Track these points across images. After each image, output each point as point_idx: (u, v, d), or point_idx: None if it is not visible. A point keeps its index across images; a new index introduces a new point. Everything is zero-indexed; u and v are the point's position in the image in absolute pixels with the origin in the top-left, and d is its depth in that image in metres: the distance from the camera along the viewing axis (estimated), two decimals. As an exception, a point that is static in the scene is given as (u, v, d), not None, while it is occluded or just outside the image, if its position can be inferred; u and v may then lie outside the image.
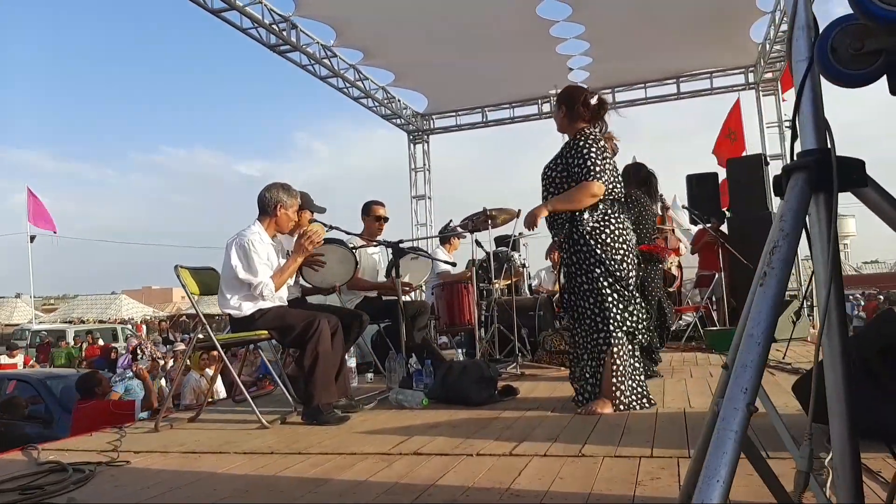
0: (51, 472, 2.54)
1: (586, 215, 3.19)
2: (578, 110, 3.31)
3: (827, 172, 1.10)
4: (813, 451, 1.07)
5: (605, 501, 1.85)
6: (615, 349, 3.14)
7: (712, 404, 1.04)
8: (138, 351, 10.89)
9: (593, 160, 3.17)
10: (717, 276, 7.13)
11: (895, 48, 0.93)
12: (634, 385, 3.18)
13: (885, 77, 0.98)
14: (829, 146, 1.13)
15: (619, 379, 3.13)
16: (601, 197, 3.17)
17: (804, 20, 1.15)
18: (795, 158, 1.16)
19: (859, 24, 0.95)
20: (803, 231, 1.17)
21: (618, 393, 3.12)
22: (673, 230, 8.11)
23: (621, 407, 3.11)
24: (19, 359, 14.04)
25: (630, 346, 3.21)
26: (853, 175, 1.12)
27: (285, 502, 2.06)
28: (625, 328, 3.18)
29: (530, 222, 3.25)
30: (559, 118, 3.39)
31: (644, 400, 3.18)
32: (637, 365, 3.23)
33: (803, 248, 1.17)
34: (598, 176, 3.15)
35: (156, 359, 9.43)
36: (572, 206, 3.20)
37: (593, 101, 3.36)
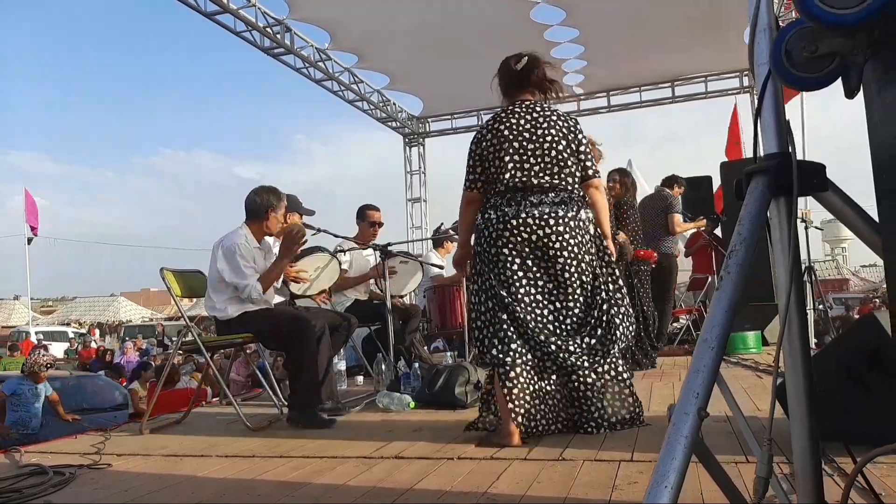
0: (31, 475, 2.53)
1: (479, 216, 2.75)
2: (502, 85, 2.79)
3: (787, 176, 1.10)
4: (772, 456, 1.07)
5: (580, 506, 1.85)
6: (496, 377, 2.65)
7: (668, 410, 1.04)
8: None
9: (468, 163, 2.75)
10: (710, 278, 7.14)
11: (849, 51, 0.93)
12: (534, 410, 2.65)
13: (840, 81, 0.98)
14: (790, 150, 1.13)
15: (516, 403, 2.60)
16: (472, 203, 2.74)
17: (766, 22, 1.15)
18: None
19: (813, 26, 0.95)
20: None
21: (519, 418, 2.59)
22: None
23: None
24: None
25: (513, 373, 2.60)
26: (814, 179, 1.12)
27: (262, 506, 2.05)
28: (495, 352, 2.61)
29: (458, 270, 3.04)
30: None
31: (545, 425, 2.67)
32: (538, 386, 2.67)
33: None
34: (465, 183, 2.75)
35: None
36: (462, 227, 2.87)
37: (520, 64, 2.73)
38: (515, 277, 2.59)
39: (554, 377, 2.69)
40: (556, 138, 2.64)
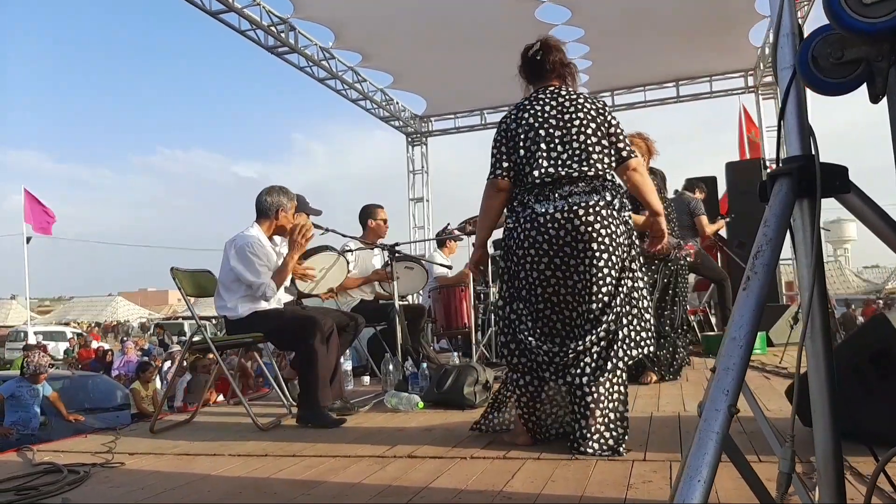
0: (46, 473, 2.55)
1: (507, 213, 2.62)
2: (523, 74, 2.69)
3: (810, 179, 1.12)
4: (794, 452, 1.09)
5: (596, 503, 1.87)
6: (510, 380, 2.63)
7: (698, 407, 1.06)
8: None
9: (492, 152, 2.61)
10: (714, 279, 7.15)
11: (875, 57, 0.95)
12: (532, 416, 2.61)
13: (865, 86, 0.99)
14: (813, 153, 1.15)
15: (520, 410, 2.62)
16: (499, 191, 2.58)
17: (789, 28, 1.17)
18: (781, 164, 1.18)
19: (840, 33, 0.96)
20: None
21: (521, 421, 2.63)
22: None
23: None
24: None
25: (522, 381, 2.56)
26: (836, 181, 1.14)
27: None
28: (514, 360, 2.55)
29: (474, 272, 2.88)
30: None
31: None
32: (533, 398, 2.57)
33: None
34: (490, 173, 2.60)
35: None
36: (485, 221, 2.68)
37: (532, 50, 2.63)
38: (543, 278, 2.45)
39: (563, 387, 2.53)
40: (584, 122, 2.48)
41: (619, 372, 2.45)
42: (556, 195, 2.44)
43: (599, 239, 2.40)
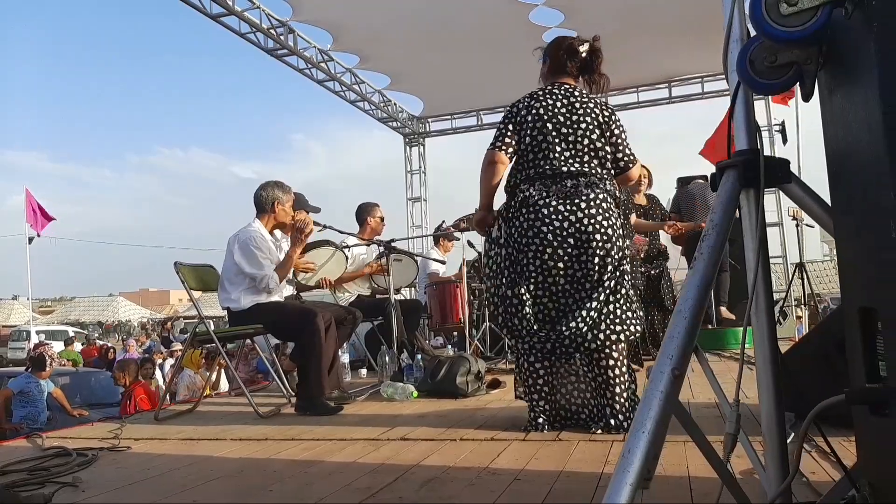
0: (56, 456, 2.66)
1: (506, 199, 2.72)
2: (552, 62, 2.80)
3: (755, 170, 1.24)
4: (740, 416, 1.21)
5: (574, 477, 1.99)
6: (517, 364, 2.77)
7: (646, 371, 1.18)
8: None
9: (499, 126, 2.71)
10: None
11: (804, 61, 1.07)
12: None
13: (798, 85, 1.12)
14: (758, 147, 1.28)
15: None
16: (497, 164, 2.66)
17: (738, 34, 1.30)
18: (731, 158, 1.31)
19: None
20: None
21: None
22: None
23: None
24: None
25: (533, 365, 2.67)
26: (779, 173, 1.27)
27: (278, 481, 2.19)
28: (523, 344, 2.66)
29: (479, 231, 2.92)
30: (542, 74, 2.87)
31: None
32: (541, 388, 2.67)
33: (794, 251, 1.30)
34: (493, 143, 2.69)
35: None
36: (484, 188, 2.72)
37: (583, 47, 2.79)
38: (545, 268, 2.56)
39: (574, 368, 2.64)
40: (591, 127, 2.63)
41: (615, 347, 2.57)
42: (560, 188, 2.58)
43: (602, 230, 2.56)
